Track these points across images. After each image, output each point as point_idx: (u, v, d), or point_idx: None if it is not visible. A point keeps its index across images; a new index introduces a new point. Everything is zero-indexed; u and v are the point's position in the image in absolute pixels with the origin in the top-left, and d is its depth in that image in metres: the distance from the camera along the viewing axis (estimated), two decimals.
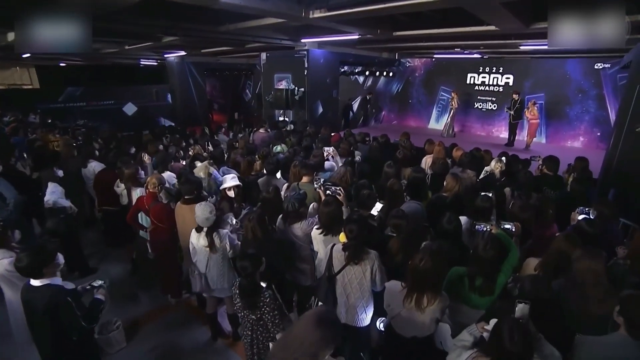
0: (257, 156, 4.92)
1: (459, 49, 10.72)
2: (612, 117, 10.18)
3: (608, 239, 2.80)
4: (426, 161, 5.19)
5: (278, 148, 5.81)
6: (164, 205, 3.70)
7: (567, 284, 2.23)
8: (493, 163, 4.47)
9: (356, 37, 8.47)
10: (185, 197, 3.46)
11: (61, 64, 18.22)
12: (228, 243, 3.09)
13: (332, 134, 6.77)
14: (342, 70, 12.14)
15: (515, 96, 10.17)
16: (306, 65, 9.66)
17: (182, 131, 8.76)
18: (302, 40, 9.57)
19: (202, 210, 2.97)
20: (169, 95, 16.87)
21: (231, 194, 3.58)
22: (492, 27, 6.93)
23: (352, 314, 2.59)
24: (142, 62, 18.36)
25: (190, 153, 5.41)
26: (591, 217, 2.96)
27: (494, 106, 12.17)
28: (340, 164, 4.56)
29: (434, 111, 13.70)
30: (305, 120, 9.07)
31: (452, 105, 11.46)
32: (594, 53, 10.01)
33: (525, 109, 10.07)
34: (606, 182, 5.94)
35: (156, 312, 3.99)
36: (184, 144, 6.30)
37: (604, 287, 2.11)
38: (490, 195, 3.34)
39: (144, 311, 4.01)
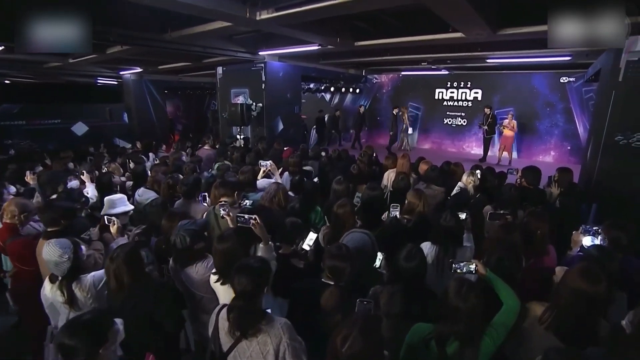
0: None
1: (425, 64, 10.40)
2: (580, 130, 10.08)
3: (627, 273, 2.02)
4: (389, 176, 4.41)
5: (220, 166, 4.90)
6: (27, 241, 2.68)
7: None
8: (465, 177, 3.74)
9: (316, 47, 7.89)
10: (48, 229, 2.47)
11: (6, 82, 16.77)
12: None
13: (285, 149, 5.95)
14: (308, 87, 11.55)
15: (487, 110, 9.92)
16: (264, 78, 8.94)
17: (112, 147, 7.68)
18: (261, 53, 8.91)
19: (49, 253, 2.01)
20: (125, 115, 15.74)
21: (113, 229, 2.56)
22: (458, 34, 6.47)
23: None
24: (99, 81, 17.27)
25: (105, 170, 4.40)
26: (599, 241, 2.21)
27: (464, 121, 11.85)
28: (282, 181, 3.70)
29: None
30: (262, 137, 8.24)
31: (403, 119, 11.48)
32: (559, 69, 9.96)
33: (505, 120, 9.79)
34: (587, 196, 5.40)
35: None
36: (106, 161, 5.28)
37: None
38: (465, 215, 2.56)
39: None
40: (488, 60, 9.34)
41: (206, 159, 6.08)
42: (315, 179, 4.61)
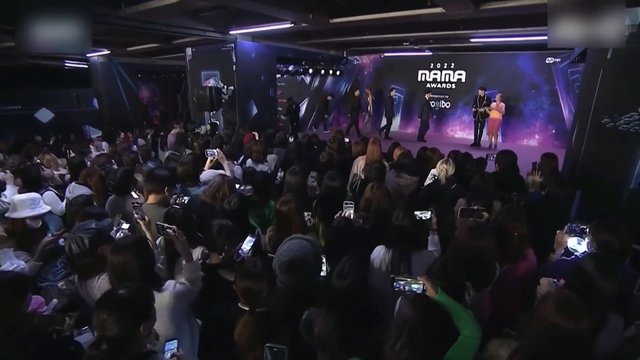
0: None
1: (407, 44, 9.92)
2: (566, 113, 9.82)
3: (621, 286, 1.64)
4: (358, 164, 3.99)
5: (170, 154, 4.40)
6: None
7: None
8: (438, 165, 3.34)
9: (289, 25, 7.33)
10: None
11: None
12: None
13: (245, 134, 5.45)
14: (286, 69, 10.97)
15: (481, 92, 9.45)
16: (234, 59, 8.32)
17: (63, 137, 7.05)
18: (232, 32, 8.29)
19: None
20: (95, 100, 14.88)
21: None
22: (439, 10, 6.01)
23: None
24: (67, 64, 16.27)
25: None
26: (586, 243, 1.85)
27: (447, 104, 11.46)
28: (230, 172, 3.25)
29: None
30: (233, 122, 7.72)
31: (368, 102, 11.24)
32: (544, 49, 9.61)
33: (493, 103, 9.39)
34: (571, 183, 5.12)
35: None
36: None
37: None
38: (429, 214, 2.17)
39: None
40: (472, 40, 8.93)
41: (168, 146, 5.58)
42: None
